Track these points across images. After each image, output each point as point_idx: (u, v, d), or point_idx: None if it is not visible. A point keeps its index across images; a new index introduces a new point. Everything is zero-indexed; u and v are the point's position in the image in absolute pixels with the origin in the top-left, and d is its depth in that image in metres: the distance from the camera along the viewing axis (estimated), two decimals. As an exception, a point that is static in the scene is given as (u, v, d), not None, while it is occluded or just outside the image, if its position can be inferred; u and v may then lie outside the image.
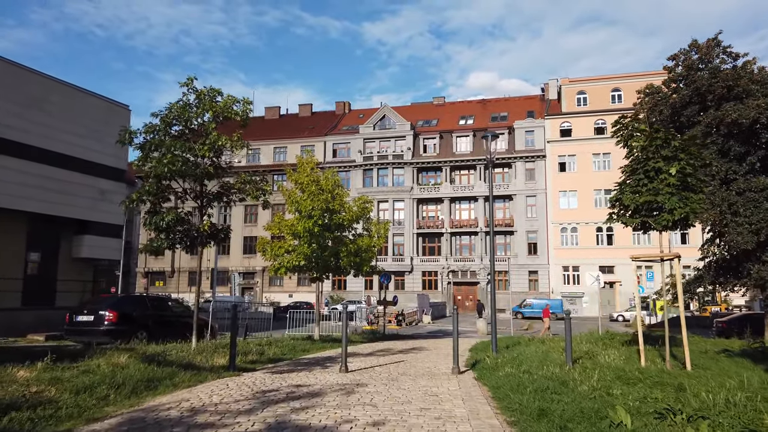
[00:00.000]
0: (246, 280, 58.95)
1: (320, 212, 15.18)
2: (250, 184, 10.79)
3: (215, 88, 10.48)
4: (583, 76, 51.49)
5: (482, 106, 58.24)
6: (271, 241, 16.10)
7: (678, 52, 17.14)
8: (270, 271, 16.22)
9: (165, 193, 10.04)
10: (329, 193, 15.90)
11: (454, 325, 9.04)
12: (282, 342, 13.71)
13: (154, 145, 9.67)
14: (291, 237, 15.87)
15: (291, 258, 15.38)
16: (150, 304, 14.20)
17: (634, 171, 9.03)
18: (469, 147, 52.31)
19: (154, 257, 63.23)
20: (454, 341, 9.08)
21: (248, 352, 10.51)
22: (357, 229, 16.99)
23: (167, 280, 61.59)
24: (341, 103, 63.61)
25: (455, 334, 9.07)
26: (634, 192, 8.90)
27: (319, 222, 15.01)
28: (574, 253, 48.31)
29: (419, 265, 51.71)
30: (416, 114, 58.36)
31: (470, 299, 51.06)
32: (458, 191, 51.75)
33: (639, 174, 8.90)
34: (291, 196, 15.87)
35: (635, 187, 8.88)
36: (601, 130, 49.06)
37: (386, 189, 52.76)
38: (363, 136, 55.08)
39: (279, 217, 16.44)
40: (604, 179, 48.27)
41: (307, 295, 55.33)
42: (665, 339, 9.12)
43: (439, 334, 25.36)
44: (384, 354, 12.15)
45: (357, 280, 53.87)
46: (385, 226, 17.10)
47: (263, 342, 13.21)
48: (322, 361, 10.52)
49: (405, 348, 14.08)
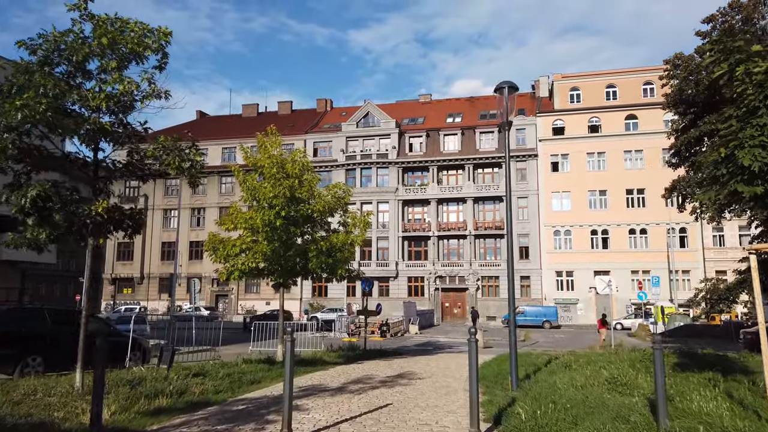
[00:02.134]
0: (220, 286, 55.25)
1: (284, 201, 12.03)
2: (172, 151, 7.61)
3: (122, 18, 7.31)
4: (576, 72, 49.16)
5: (470, 104, 55.61)
6: (223, 239, 12.86)
7: (715, 13, 14.43)
8: (221, 276, 13.03)
9: (30, 155, 6.81)
10: (296, 178, 12.76)
11: (471, 360, 5.80)
12: (229, 367, 10.50)
13: (15, 87, 6.47)
14: (248, 233, 12.69)
15: (247, 259, 12.19)
16: (51, 319, 10.76)
17: (753, 112, 5.64)
18: (457, 146, 49.55)
19: (121, 263, 59.32)
20: (472, 386, 5.76)
21: (160, 392, 7.23)
22: (332, 224, 13.87)
23: (136, 287, 57.63)
24: (323, 101, 60.51)
25: (473, 378, 5.77)
26: (761, 146, 5.41)
27: (282, 213, 11.86)
28: (567, 257, 45.67)
29: (405, 270, 48.64)
30: (401, 112, 55.50)
31: (459, 306, 48.13)
32: (446, 192, 48.90)
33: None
34: (247, 181, 12.70)
35: (760, 138, 5.46)
36: (595, 128, 46.68)
37: (370, 190, 49.68)
38: (346, 135, 52.03)
39: (234, 208, 13.21)
40: (599, 180, 45.89)
41: (287, 302, 51.56)
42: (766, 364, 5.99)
43: (429, 347, 22.25)
44: (360, 389, 8.87)
45: (338, 286, 50.54)
46: (365, 219, 13.98)
47: (203, 367, 9.98)
48: (266, 407, 7.26)
49: (390, 375, 10.86)
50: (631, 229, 44.18)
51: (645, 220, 43.91)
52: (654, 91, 45.88)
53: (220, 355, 13.34)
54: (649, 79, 46.05)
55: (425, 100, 58.33)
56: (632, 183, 44.30)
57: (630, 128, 45.70)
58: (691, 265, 42.86)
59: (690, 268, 42.97)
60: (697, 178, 13.72)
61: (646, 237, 44.03)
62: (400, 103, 59.93)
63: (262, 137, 13.50)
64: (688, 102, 13.96)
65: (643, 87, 46.13)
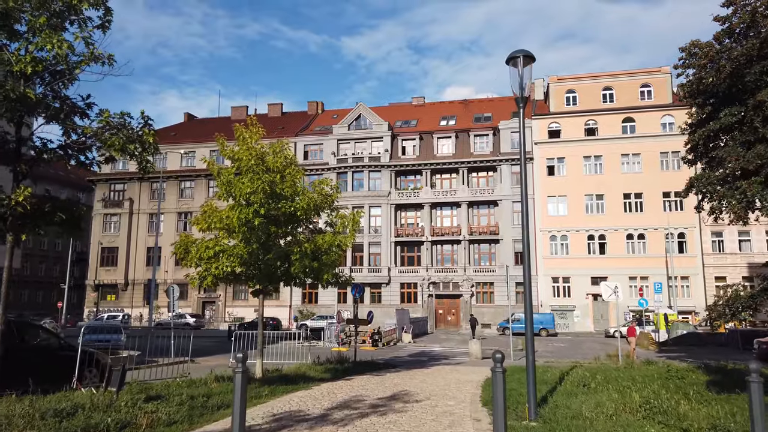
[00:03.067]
0: (207, 293, 53.58)
1: (263, 198, 10.66)
2: (120, 130, 6.24)
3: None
4: (572, 74, 48.21)
5: (464, 106, 54.58)
6: (196, 240, 11.45)
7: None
8: (191, 282, 11.63)
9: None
10: (278, 173, 11.40)
11: (497, 401, 4.56)
12: (196, 386, 9.09)
13: None
14: (224, 233, 11.31)
15: (221, 263, 10.79)
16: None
17: None
18: (451, 149, 48.40)
19: (105, 269, 57.42)
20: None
21: (93, 428, 5.78)
22: (318, 223, 12.52)
23: (120, 294, 55.83)
24: (314, 103, 59.24)
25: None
26: None
27: (261, 211, 10.49)
28: (564, 263, 44.51)
29: (397, 276, 47.26)
30: (394, 114, 54.31)
31: (453, 313, 46.79)
32: (439, 196, 47.64)
33: None
34: (222, 174, 11.33)
35: None
36: (591, 131, 45.71)
37: (362, 194, 48.34)
38: (337, 137, 50.72)
39: (210, 206, 11.80)
40: (596, 183, 44.81)
41: (275, 309, 50.39)
42: None
43: (424, 358, 20.88)
44: (345, 418, 7.30)
45: (329, 293, 49.04)
46: (354, 218, 12.62)
47: (166, 387, 8.56)
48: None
49: (381, 397, 9.43)
50: (629, 234, 43.12)
51: (643, 224, 42.90)
52: (651, 94, 45.05)
53: (189, 371, 11.86)
54: (646, 81, 45.23)
55: (418, 102, 57.23)
56: (630, 187, 43.29)
57: (627, 131, 44.78)
58: (690, 271, 41.83)
59: (689, 275, 41.94)
60: (719, 175, 12.52)
61: (644, 242, 42.98)
62: (393, 105, 58.79)
63: (240, 128, 12.10)
64: (707, 92, 12.79)
65: (640, 89, 45.25)
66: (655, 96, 44.88)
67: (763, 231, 41.21)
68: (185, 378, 10.37)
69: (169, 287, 21.59)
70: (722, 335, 29.23)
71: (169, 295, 21.48)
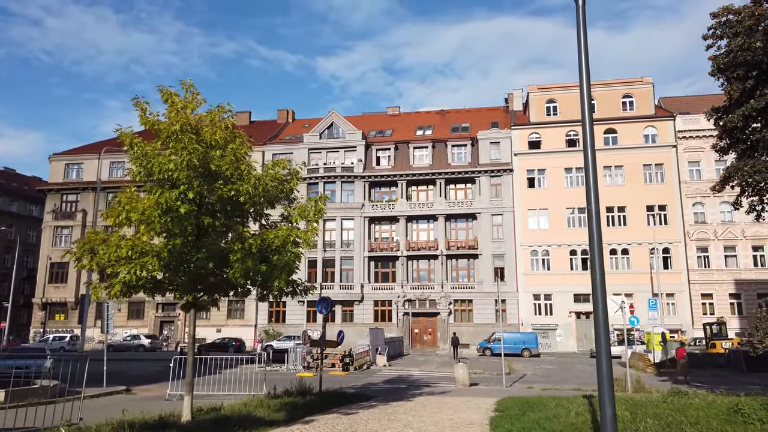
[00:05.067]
0: (165, 312, 49.66)
1: (191, 176, 7.85)
2: None
3: None
4: (552, 83, 46.77)
5: (441, 116, 52.67)
6: (106, 237, 8.51)
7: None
8: (93, 294, 8.68)
9: None
10: (218, 148, 8.60)
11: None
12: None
13: None
14: (144, 227, 8.41)
15: (134, 266, 7.87)
16: None
17: None
18: (428, 160, 46.17)
19: (54, 286, 52.84)
20: None
21: None
22: (270, 216, 9.69)
23: (69, 313, 51.35)
24: (284, 111, 56.55)
25: None
26: None
27: (189, 195, 7.68)
28: (545, 279, 42.38)
29: (371, 293, 44.34)
30: (369, 124, 52.00)
31: (429, 333, 43.99)
32: (416, 209, 45.19)
33: None
34: (135, 145, 8.48)
35: None
36: (573, 142, 44.18)
37: (334, 206, 45.48)
38: (308, 146, 48.01)
39: (128, 192, 8.85)
40: (578, 196, 43.01)
41: (240, 329, 46.90)
42: None
43: (403, 386, 18.01)
44: None
45: (298, 311, 45.66)
46: (317, 206, 9.75)
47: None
48: None
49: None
50: (612, 249, 41.31)
51: (626, 239, 41.23)
52: (633, 105, 43.88)
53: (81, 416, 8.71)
54: (628, 92, 44.09)
55: (394, 112, 55.16)
56: (612, 200, 41.63)
57: (609, 142, 43.37)
58: (675, 287, 40.15)
59: (674, 291, 40.26)
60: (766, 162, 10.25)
61: (628, 257, 41.24)
62: (367, 115, 56.55)
63: (166, 89, 9.22)
64: (748, 64, 10.62)
65: (622, 100, 44.05)
66: (637, 107, 43.73)
67: (749, 246, 39.96)
68: (73, 425, 7.32)
69: (103, 303, 18.24)
70: (720, 356, 27.19)
71: (103, 313, 18.17)
